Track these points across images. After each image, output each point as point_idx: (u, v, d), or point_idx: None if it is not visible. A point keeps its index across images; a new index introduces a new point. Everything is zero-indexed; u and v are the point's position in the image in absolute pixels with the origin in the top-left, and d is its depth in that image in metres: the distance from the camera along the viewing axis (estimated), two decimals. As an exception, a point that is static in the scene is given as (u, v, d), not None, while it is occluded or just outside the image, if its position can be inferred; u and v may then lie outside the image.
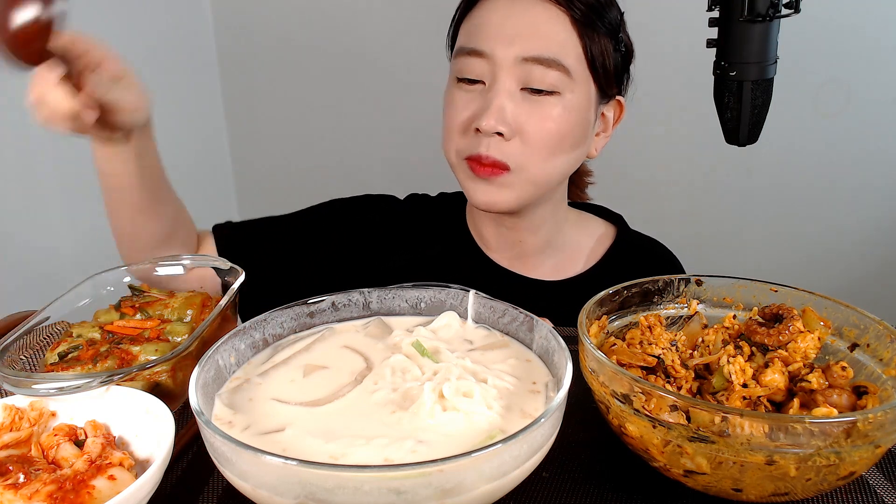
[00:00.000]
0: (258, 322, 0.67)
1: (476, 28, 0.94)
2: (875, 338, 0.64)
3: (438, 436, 0.55)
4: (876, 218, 2.07)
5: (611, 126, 1.03)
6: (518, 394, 0.61)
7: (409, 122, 2.11)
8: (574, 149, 0.97)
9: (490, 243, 1.09)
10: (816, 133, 2.00)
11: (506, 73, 0.91)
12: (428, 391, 0.58)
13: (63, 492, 0.52)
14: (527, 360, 0.66)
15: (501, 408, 0.58)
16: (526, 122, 0.92)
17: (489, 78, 0.93)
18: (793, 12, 0.77)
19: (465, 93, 0.95)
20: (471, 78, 0.94)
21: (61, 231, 1.62)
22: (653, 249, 1.14)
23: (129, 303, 0.78)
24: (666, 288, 0.75)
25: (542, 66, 0.90)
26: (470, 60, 0.94)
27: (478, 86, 0.94)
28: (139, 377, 0.65)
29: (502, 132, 0.91)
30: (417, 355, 0.65)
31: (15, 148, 1.48)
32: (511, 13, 0.92)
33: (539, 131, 0.92)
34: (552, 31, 0.91)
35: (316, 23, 2.11)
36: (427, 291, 0.74)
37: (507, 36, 0.91)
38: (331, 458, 0.52)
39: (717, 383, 0.62)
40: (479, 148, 0.93)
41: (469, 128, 0.95)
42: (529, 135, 0.92)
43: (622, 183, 1.23)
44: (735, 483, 0.55)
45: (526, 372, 0.64)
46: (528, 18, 0.91)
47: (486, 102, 0.92)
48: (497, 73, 0.92)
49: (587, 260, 1.11)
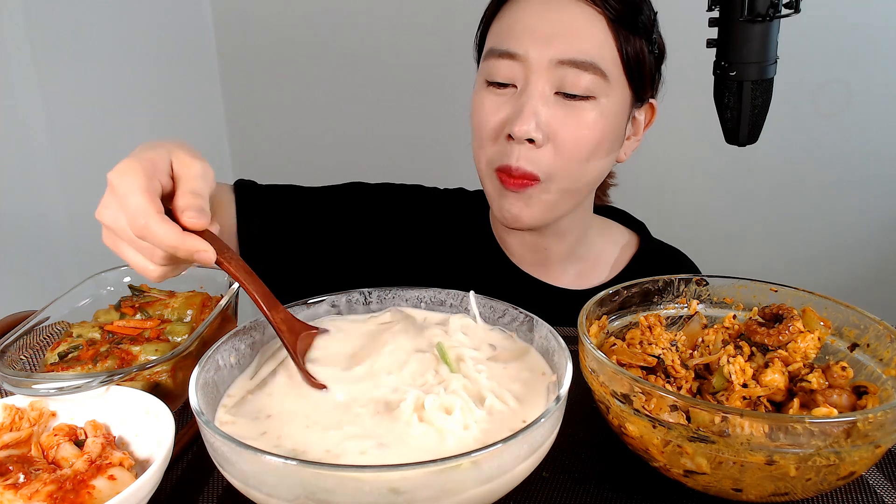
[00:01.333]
0: (258, 322, 0.67)
1: (508, 29, 0.90)
2: (875, 338, 0.64)
3: (402, 444, 0.54)
4: (876, 218, 2.07)
5: (641, 130, 1.01)
6: (511, 419, 0.58)
7: (409, 121, 2.11)
8: (607, 155, 0.94)
9: (513, 248, 1.07)
10: (816, 133, 2.00)
11: (540, 76, 0.87)
12: (410, 399, 0.57)
13: (63, 492, 0.52)
14: (542, 373, 0.64)
15: (480, 431, 0.55)
16: (560, 129, 0.88)
17: (521, 81, 0.89)
18: (793, 12, 0.77)
19: (495, 96, 0.91)
20: (502, 81, 0.90)
21: (61, 230, 1.62)
22: (676, 258, 1.12)
23: (129, 303, 0.78)
24: (666, 288, 0.75)
25: (577, 70, 0.86)
26: (501, 63, 0.89)
27: (509, 89, 0.90)
28: (139, 377, 0.65)
29: (535, 139, 0.87)
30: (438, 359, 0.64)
31: (15, 147, 1.48)
32: (545, 13, 0.88)
33: (573, 138, 0.88)
34: (588, 32, 0.87)
35: (316, 22, 2.11)
36: (427, 292, 0.74)
37: (542, 37, 0.87)
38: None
39: (717, 383, 0.62)
40: (509, 159, 0.89)
41: (500, 134, 0.91)
42: (563, 142, 0.89)
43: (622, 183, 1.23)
44: (735, 483, 0.55)
45: (531, 392, 0.61)
46: (563, 19, 0.87)
47: (518, 107, 0.88)
48: (530, 76, 0.88)
49: (611, 269, 1.09)
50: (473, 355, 0.65)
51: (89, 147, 1.68)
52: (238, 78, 2.22)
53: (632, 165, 1.08)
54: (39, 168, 1.56)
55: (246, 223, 1.01)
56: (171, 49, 1.99)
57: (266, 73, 2.19)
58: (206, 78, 2.18)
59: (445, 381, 0.61)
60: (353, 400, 0.60)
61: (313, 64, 2.15)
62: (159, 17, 1.92)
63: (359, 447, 0.53)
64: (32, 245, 1.55)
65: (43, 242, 1.58)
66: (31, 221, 1.55)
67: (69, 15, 1.60)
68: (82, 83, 1.65)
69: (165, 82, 1.95)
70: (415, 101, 2.10)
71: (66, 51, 1.60)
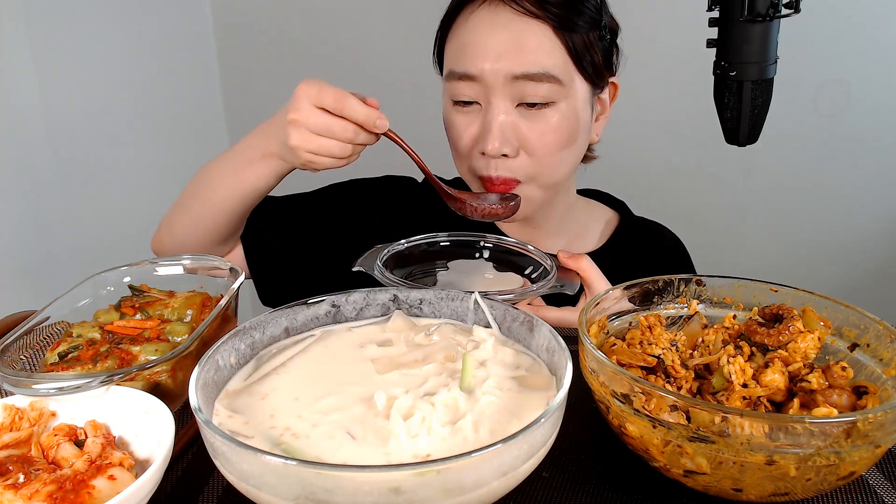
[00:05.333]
0: (258, 322, 0.67)
1: (461, 50, 0.94)
2: (875, 338, 0.64)
3: (369, 439, 0.55)
4: (876, 218, 2.07)
5: (608, 107, 1.04)
6: (460, 447, 0.54)
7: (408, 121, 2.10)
8: (578, 146, 0.99)
9: (504, 226, 1.12)
10: (816, 133, 2.00)
11: (498, 93, 0.92)
12: (398, 405, 0.58)
13: (63, 492, 0.52)
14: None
15: (425, 444, 0.54)
16: (528, 137, 0.93)
17: (483, 99, 0.94)
18: (793, 12, 0.77)
19: (463, 115, 0.97)
20: (466, 100, 0.95)
21: (61, 231, 1.62)
22: (659, 231, 1.18)
23: (129, 303, 0.78)
24: (666, 288, 0.75)
25: (533, 82, 0.91)
26: (462, 84, 0.94)
27: (474, 106, 0.96)
28: (139, 377, 0.65)
29: (507, 153, 0.93)
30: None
31: (15, 147, 1.48)
32: (493, 31, 0.91)
33: (542, 143, 0.94)
34: (536, 44, 0.91)
35: (316, 23, 2.11)
36: (428, 293, 0.74)
37: (493, 56, 0.91)
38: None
39: (717, 383, 0.62)
40: (488, 170, 0.95)
41: (474, 149, 0.96)
42: (533, 148, 0.94)
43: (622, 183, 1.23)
44: (735, 483, 0.55)
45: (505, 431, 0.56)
46: (510, 35, 0.91)
47: (485, 125, 0.93)
48: (490, 95, 0.92)
49: (597, 240, 1.14)
50: (493, 384, 0.61)
51: (89, 146, 1.68)
52: (238, 78, 2.22)
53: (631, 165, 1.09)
54: (39, 168, 1.56)
55: (252, 228, 1.05)
56: (171, 48, 1.99)
57: (266, 73, 2.19)
58: (206, 78, 2.18)
59: (444, 388, 0.60)
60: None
61: (313, 64, 2.15)
62: (159, 17, 1.92)
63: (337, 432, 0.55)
64: (32, 245, 1.55)
65: (43, 242, 1.58)
66: (31, 221, 1.55)
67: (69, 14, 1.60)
68: (82, 83, 1.65)
69: (165, 81, 1.95)
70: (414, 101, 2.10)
71: (66, 50, 1.60)
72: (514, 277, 0.94)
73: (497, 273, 0.95)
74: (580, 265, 0.89)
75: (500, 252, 0.98)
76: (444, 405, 0.58)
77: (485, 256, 0.98)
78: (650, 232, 1.17)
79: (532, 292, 0.84)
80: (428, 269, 0.95)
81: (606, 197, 1.21)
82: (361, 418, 0.58)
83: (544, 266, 0.93)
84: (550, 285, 0.86)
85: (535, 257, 0.95)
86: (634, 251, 1.12)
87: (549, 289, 0.86)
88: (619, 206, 1.20)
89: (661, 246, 1.15)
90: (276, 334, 0.69)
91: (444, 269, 0.96)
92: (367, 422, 0.57)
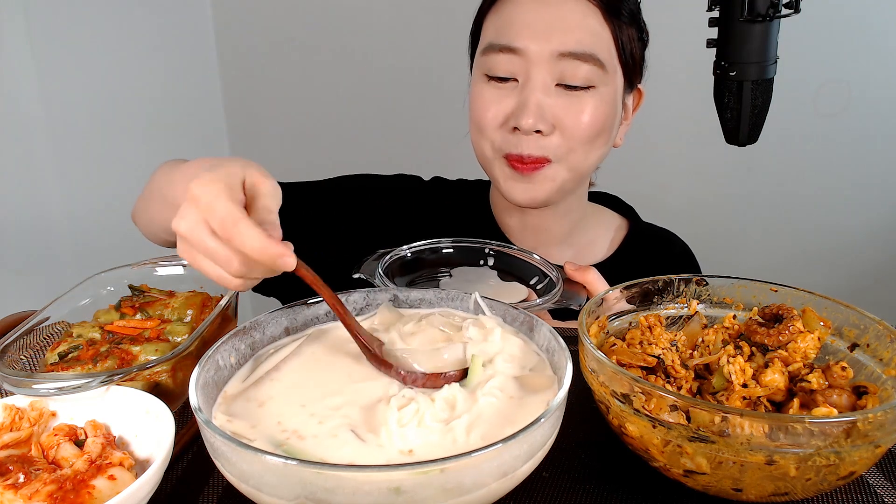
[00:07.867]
0: (258, 322, 0.67)
1: (506, 24, 0.93)
2: (875, 338, 0.64)
3: (371, 437, 0.55)
4: (876, 218, 2.07)
5: (631, 114, 1.05)
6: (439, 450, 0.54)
7: (409, 121, 2.11)
8: (607, 140, 0.98)
9: (514, 231, 1.10)
10: (816, 133, 2.00)
11: (541, 69, 0.91)
12: (399, 394, 0.58)
13: (63, 492, 0.52)
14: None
15: (401, 438, 0.54)
16: (564, 118, 0.92)
17: (523, 75, 0.92)
18: (793, 12, 0.77)
19: (496, 90, 0.94)
20: (503, 76, 0.93)
21: (61, 230, 1.62)
22: (667, 238, 1.17)
23: (129, 303, 0.78)
24: (666, 288, 0.75)
25: (576, 61, 0.90)
26: (501, 57, 0.92)
27: (510, 83, 0.94)
28: (139, 377, 0.65)
29: (542, 130, 0.91)
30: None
31: (15, 147, 1.48)
32: (543, 8, 0.91)
33: (577, 126, 0.93)
34: (585, 24, 0.91)
35: (316, 23, 2.11)
36: (427, 293, 0.74)
37: (541, 31, 0.90)
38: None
39: (717, 383, 0.62)
40: (519, 148, 0.93)
41: (504, 124, 0.94)
42: (568, 129, 0.93)
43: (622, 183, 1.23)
44: (735, 483, 0.55)
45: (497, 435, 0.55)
46: (560, 13, 0.91)
47: (522, 100, 0.92)
48: (531, 69, 0.91)
49: (606, 250, 1.13)
50: (497, 384, 0.61)
51: (89, 147, 1.68)
52: (238, 78, 2.22)
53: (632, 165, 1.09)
54: (39, 168, 1.56)
55: None
56: (171, 49, 1.99)
57: (266, 73, 2.19)
58: (206, 78, 2.18)
59: (429, 395, 0.59)
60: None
61: (313, 64, 2.15)
62: (159, 18, 1.92)
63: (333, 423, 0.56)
64: (32, 245, 1.55)
65: (43, 242, 1.58)
66: (31, 221, 1.55)
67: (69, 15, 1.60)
68: (82, 83, 1.65)
69: (165, 82, 1.95)
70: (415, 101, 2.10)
71: (66, 50, 1.60)
72: (519, 288, 0.92)
73: (501, 282, 0.94)
74: (587, 278, 0.88)
75: (505, 260, 0.96)
76: (443, 400, 0.58)
77: (489, 264, 0.96)
78: (658, 240, 1.16)
79: (536, 307, 0.83)
80: (430, 276, 0.94)
81: (615, 201, 1.20)
82: (365, 416, 0.58)
83: (550, 277, 0.91)
84: (555, 300, 0.85)
85: (540, 267, 0.94)
86: (643, 261, 1.11)
87: (555, 303, 0.85)
88: (627, 212, 1.19)
89: (670, 253, 1.14)
90: (276, 334, 0.69)
91: (447, 276, 0.95)
92: (370, 419, 0.57)
